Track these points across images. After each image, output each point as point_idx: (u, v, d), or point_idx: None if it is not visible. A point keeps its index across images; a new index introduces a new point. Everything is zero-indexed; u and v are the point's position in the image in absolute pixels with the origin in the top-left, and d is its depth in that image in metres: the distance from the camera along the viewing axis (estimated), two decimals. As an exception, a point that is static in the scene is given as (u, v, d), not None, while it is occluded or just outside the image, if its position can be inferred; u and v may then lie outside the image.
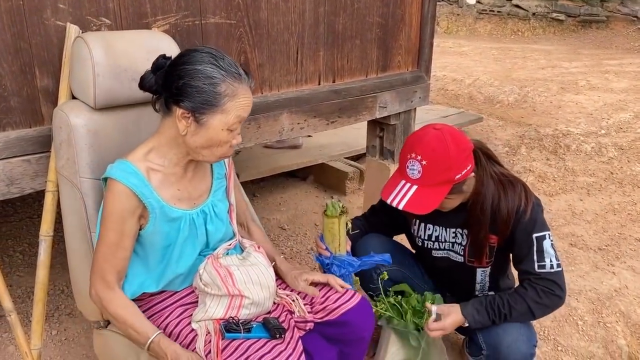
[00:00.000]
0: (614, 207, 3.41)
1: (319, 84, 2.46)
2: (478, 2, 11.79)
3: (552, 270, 1.62)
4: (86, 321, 2.20)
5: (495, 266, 1.78)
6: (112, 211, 1.32)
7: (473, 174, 1.62)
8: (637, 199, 3.49)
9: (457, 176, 1.56)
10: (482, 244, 1.70)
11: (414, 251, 2.02)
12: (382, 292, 1.83)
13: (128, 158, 1.35)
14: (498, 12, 11.49)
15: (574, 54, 8.29)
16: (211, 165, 1.53)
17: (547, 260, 1.62)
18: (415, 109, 2.95)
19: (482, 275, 1.79)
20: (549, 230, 1.66)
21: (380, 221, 1.97)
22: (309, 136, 3.99)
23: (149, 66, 1.40)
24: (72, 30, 1.59)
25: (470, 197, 1.68)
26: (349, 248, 1.76)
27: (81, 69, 1.46)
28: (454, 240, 1.77)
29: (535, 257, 1.62)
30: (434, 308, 1.70)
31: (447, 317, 1.68)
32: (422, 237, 1.83)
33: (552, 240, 1.65)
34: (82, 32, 1.60)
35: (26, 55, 1.58)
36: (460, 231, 1.75)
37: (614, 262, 2.77)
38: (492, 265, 1.77)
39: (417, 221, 1.83)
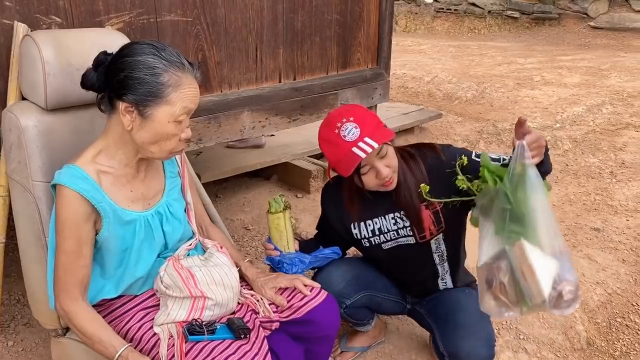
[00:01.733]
0: (570, 197, 3.52)
1: (280, 82, 2.45)
2: (435, 0, 11.97)
3: None
4: (44, 330, 2.12)
5: (449, 230, 1.75)
6: (66, 219, 1.27)
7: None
8: (592, 190, 3.61)
9: (384, 124, 1.59)
10: (418, 212, 1.69)
11: (366, 260, 2.00)
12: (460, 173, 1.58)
13: (76, 162, 1.30)
14: (455, 10, 11.70)
15: (528, 50, 8.51)
16: (163, 164, 1.49)
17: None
18: (376, 105, 2.98)
19: (436, 244, 1.78)
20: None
21: (329, 240, 1.89)
22: (272, 135, 3.96)
23: (103, 65, 1.36)
24: (20, 28, 1.54)
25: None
26: (297, 247, 1.73)
27: (31, 69, 1.40)
28: (395, 226, 1.76)
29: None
30: (519, 141, 1.34)
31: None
32: (367, 236, 1.80)
33: None
34: (31, 31, 1.54)
35: (-29, 55, 1.52)
36: (399, 214, 1.74)
37: (571, 250, 2.85)
38: (444, 231, 1.75)
39: (356, 224, 1.81)
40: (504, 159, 1.56)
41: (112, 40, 1.59)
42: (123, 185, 1.36)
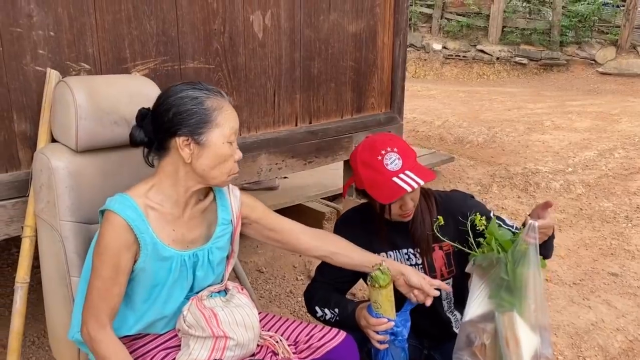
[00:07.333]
0: (585, 242, 3.49)
1: (296, 125, 2.51)
2: (444, 47, 12.22)
3: None
4: (59, 372, 2.12)
5: (458, 275, 1.75)
6: (108, 245, 1.30)
7: None
8: (607, 234, 3.59)
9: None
10: (430, 250, 1.71)
11: None
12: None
13: (129, 193, 1.35)
14: (463, 56, 11.92)
15: (537, 95, 8.61)
16: (217, 212, 1.51)
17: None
18: (390, 149, 3.01)
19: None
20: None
21: (337, 277, 1.83)
22: (285, 177, 4.01)
23: (131, 108, 1.42)
24: (53, 75, 1.61)
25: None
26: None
27: (64, 113, 1.46)
28: (408, 262, 1.76)
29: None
30: (532, 221, 1.46)
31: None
32: None
33: None
34: (62, 77, 1.61)
35: (4, 100, 1.58)
36: (412, 251, 1.75)
37: (589, 296, 2.82)
38: (454, 275, 1.75)
39: None
40: (517, 228, 1.62)
41: (139, 85, 1.66)
42: (167, 222, 1.39)
